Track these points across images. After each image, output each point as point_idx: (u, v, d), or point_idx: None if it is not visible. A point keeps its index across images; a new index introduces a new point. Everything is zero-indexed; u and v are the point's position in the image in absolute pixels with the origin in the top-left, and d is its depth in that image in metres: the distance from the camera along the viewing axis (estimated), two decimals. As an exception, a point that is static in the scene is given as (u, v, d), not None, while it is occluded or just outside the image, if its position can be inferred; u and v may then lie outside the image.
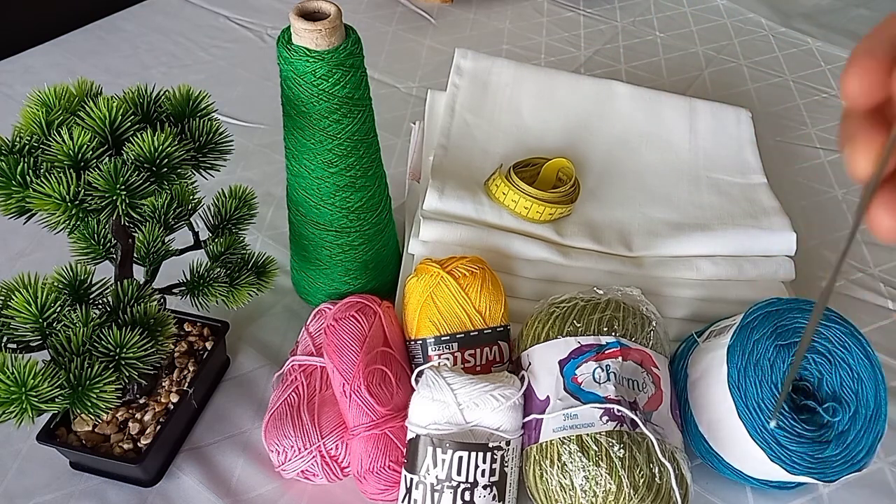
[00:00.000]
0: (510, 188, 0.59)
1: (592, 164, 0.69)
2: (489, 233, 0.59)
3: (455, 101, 0.71)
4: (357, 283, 0.61)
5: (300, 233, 0.58)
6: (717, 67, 0.99)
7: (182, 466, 0.52)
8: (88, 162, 0.40)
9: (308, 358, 0.53)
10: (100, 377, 0.40)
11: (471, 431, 0.45)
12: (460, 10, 1.10)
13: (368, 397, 0.49)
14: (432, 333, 0.52)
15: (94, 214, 0.40)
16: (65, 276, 0.45)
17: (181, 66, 0.96)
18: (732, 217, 0.65)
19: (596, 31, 1.06)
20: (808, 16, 1.11)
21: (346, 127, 0.51)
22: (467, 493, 0.45)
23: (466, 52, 0.74)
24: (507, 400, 0.46)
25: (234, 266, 0.54)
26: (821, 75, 0.98)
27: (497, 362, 0.53)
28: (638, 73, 0.97)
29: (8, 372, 0.38)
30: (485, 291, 0.52)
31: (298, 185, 0.55)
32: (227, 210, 0.54)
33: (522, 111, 0.72)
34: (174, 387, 0.53)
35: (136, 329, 0.43)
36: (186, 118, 0.45)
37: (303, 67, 0.48)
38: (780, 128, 0.88)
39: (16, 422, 0.38)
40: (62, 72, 0.94)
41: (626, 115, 0.73)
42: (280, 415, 0.50)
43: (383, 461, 0.48)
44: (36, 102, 0.43)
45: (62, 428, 0.50)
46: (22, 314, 0.41)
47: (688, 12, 1.12)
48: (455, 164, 0.65)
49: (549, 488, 0.46)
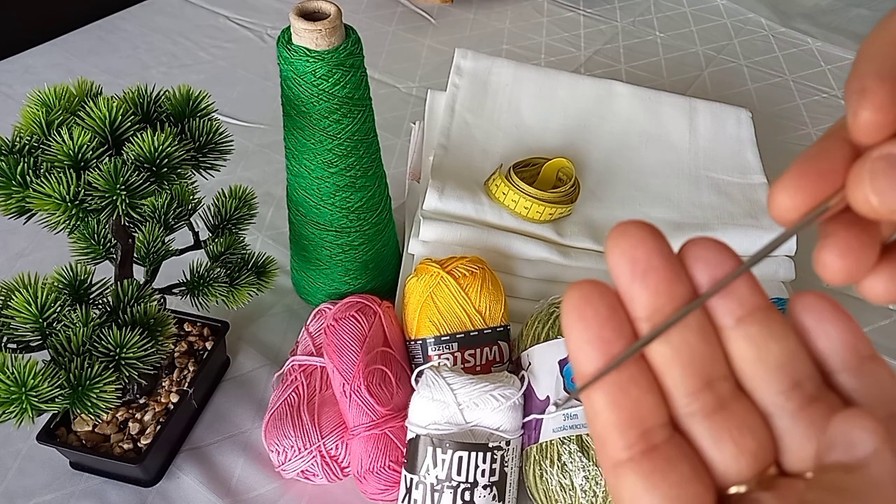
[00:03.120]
0: (510, 188, 0.59)
1: (592, 164, 0.69)
2: (489, 233, 0.59)
3: (455, 101, 0.71)
4: (357, 283, 0.61)
5: (300, 233, 0.58)
6: (717, 67, 0.99)
7: (182, 466, 0.52)
8: (88, 162, 0.40)
9: (308, 358, 0.53)
10: (100, 377, 0.40)
11: (471, 431, 0.45)
12: (460, 10, 1.10)
13: (368, 397, 0.49)
14: (432, 333, 0.52)
15: (94, 214, 0.40)
16: (65, 276, 0.45)
17: (181, 66, 0.96)
18: (732, 217, 0.65)
19: (596, 31, 1.06)
20: (808, 16, 1.11)
21: (346, 127, 0.51)
22: (467, 493, 0.45)
23: (466, 52, 0.74)
24: (507, 400, 0.46)
25: (234, 266, 0.54)
26: (821, 75, 0.98)
27: (497, 362, 0.53)
28: (638, 73, 0.97)
29: (8, 372, 0.38)
30: (485, 291, 0.52)
31: (298, 185, 0.55)
32: (227, 210, 0.54)
33: (522, 111, 0.72)
34: (174, 387, 0.53)
35: (136, 329, 0.43)
36: (186, 118, 0.45)
37: (303, 67, 0.48)
38: (780, 128, 0.88)
39: (16, 422, 0.38)
40: (62, 72, 0.94)
41: (626, 114, 0.73)
42: (280, 415, 0.50)
43: (383, 461, 0.48)
44: (36, 102, 0.43)
45: (62, 428, 0.50)
46: (22, 314, 0.41)
47: (688, 12, 1.12)
48: (455, 164, 0.65)
49: (549, 488, 0.46)
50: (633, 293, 0.18)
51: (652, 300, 0.18)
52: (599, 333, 0.18)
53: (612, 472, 0.18)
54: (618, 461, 0.18)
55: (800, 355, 0.19)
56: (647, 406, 0.18)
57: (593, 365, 0.18)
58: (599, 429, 0.18)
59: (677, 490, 0.17)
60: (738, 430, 0.18)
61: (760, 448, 0.18)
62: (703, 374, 0.18)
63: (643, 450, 0.18)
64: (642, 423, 0.18)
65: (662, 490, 0.17)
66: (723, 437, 0.18)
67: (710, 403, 0.18)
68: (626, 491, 0.18)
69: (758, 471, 0.18)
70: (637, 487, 0.18)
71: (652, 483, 0.18)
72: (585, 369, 0.18)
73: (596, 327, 0.18)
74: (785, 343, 0.19)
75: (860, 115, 0.16)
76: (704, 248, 0.19)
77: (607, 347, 0.18)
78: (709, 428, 0.18)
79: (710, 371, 0.18)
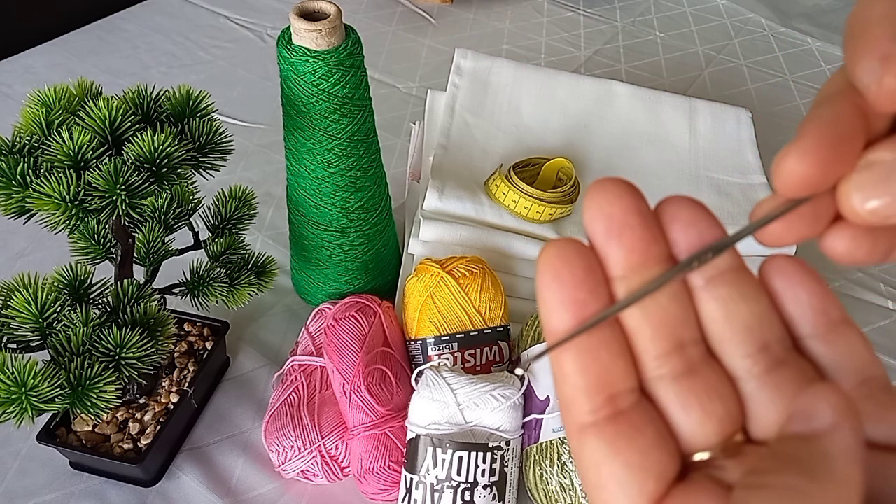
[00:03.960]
0: (510, 188, 0.59)
1: (592, 164, 0.69)
2: (489, 233, 0.59)
3: (455, 101, 0.71)
4: (357, 283, 0.61)
5: (300, 233, 0.58)
6: (717, 67, 0.99)
7: (182, 466, 0.52)
8: (88, 162, 0.40)
9: (308, 358, 0.53)
10: (100, 377, 0.40)
11: (471, 431, 0.45)
12: (460, 10, 1.10)
13: (368, 397, 0.49)
14: (432, 333, 0.52)
15: (94, 214, 0.40)
16: (65, 276, 0.45)
17: (181, 66, 0.96)
18: (732, 217, 0.65)
19: (596, 31, 1.06)
20: (808, 16, 1.11)
21: (346, 127, 0.51)
22: (467, 493, 0.45)
23: (466, 52, 0.74)
24: (507, 400, 0.46)
25: (234, 266, 0.54)
26: (821, 75, 0.98)
27: (497, 362, 0.53)
28: (638, 73, 0.97)
29: (8, 372, 0.38)
30: (485, 291, 0.52)
31: (298, 185, 0.55)
32: (227, 210, 0.54)
33: (522, 111, 0.72)
34: (174, 387, 0.53)
35: (136, 329, 0.43)
36: (186, 118, 0.45)
37: (303, 67, 0.48)
38: (780, 128, 0.88)
39: (16, 422, 0.38)
40: (62, 72, 0.94)
41: (625, 114, 0.73)
42: (280, 415, 0.50)
43: (383, 461, 0.48)
44: (36, 102, 0.43)
45: (62, 428, 0.50)
46: (22, 314, 0.41)
47: (688, 12, 1.12)
48: (455, 164, 0.65)
49: (549, 488, 0.46)
50: (608, 251, 0.18)
51: (627, 259, 0.18)
52: (574, 295, 0.18)
53: (577, 437, 0.18)
54: (582, 425, 0.18)
55: (769, 318, 0.18)
56: (616, 371, 0.18)
57: (565, 326, 0.18)
58: (567, 392, 0.18)
59: (640, 457, 0.17)
60: (706, 394, 0.18)
61: (728, 414, 0.18)
62: (674, 337, 0.18)
63: (609, 415, 0.18)
64: (610, 388, 0.18)
65: (626, 456, 0.17)
66: (690, 401, 0.18)
67: (680, 367, 0.18)
68: (588, 456, 0.18)
69: (724, 437, 0.18)
70: (600, 452, 0.17)
71: (615, 449, 0.17)
72: (557, 330, 0.18)
73: (571, 288, 0.18)
74: (754, 305, 0.18)
75: (886, 83, 0.16)
76: (681, 207, 0.18)
77: (580, 309, 0.18)
78: (676, 392, 0.18)
79: (680, 334, 0.18)
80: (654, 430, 0.18)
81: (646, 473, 0.17)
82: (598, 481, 0.18)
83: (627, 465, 0.17)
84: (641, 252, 0.18)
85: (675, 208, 0.18)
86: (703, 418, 0.18)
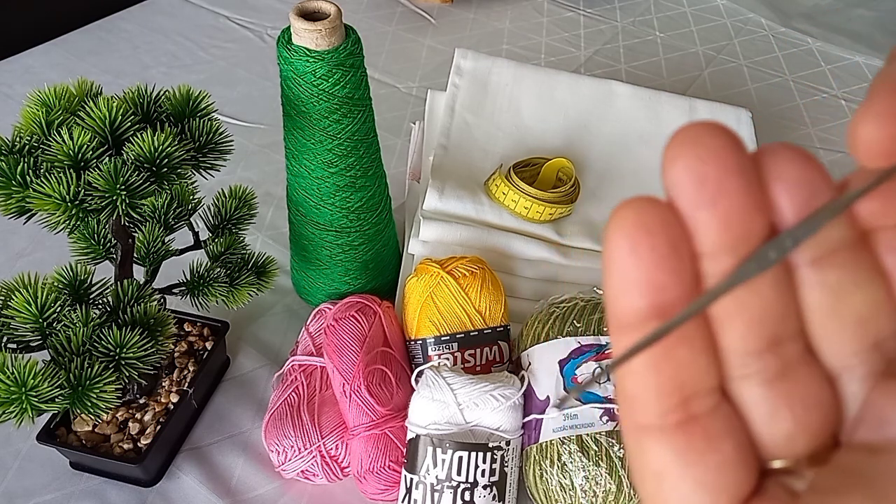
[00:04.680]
0: (510, 188, 0.59)
1: (592, 164, 0.69)
2: (489, 233, 0.59)
3: (455, 101, 0.71)
4: (357, 283, 0.61)
5: (300, 233, 0.58)
6: (717, 67, 0.99)
7: (182, 466, 0.52)
8: (88, 162, 0.40)
9: (308, 358, 0.53)
10: (100, 377, 0.40)
11: (471, 431, 0.46)
12: (460, 10, 1.10)
13: (368, 397, 0.49)
14: (432, 333, 0.52)
15: (94, 214, 0.40)
16: (65, 276, 0.45)
17: (181, 66, 0.96)
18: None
19: (596, 31, 1.06)
20: (808, 16, 1.11)
21: (346, 127, 0.51)
22: (467, 493, 0.45)
23: (466, 52, 0.74)
24: (507, 400, 0.46)
25: (234, 266, 0.54)
26: (821, 75, 0.98)
27: (497, 362, 0.53)
28: (638, 73, 0.97)
29: (8, 372, 0.38)
30: (485, 291, 0.52)
31: (298, 185, 0.55)
32: (227, 210, 0.54)
33: (522, 111, 0.72)
34: (174, 387, 0.53)
35: (136, 329, 0.43)
36: (186, 118, 0.45)
37: (303, 67, 0.48)
38: (780, 128, 0.88)
39: (16, 422, 0.38)
40: (62, 72, 0.94)
41: (625, 114, 0.73)
42: (280, 415, 0.50)
43: (383, 461, 0.48)
44: (36, 102, 0.43)
45: (62, 428, 0.50)
46: (22, 314, 0.41)
47: (688, 12, 1.12)
48: (455, 164, 0.65)
49: (549, 488, 0.46)
50: (698, 222, 0.14)
51: (723, 234, 0.14)
52: (654, 276, 0.14)
53: (634, 436, 0.15)
54: (645, 426, 0.15)
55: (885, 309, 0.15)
56: (695, 369, 0.14)
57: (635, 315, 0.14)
58: (631, 388, 0.15)
59: (714, 475, 0.14)
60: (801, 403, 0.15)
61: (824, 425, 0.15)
62: (770, 332, 0.15)
63: (680, 419, 0.14)
64: (685, 389, 0.14)
65: (696, 472, 0.14)
66: (781, 411, 0.15)
67: (773, 367, 0.15)
68: (649, 463, 0.15)
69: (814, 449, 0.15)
70: (664, 462, 0.14)
71: (685, 462, 0.14)
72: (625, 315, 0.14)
73: (651, 267, 0.14)
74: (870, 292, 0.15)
75: None
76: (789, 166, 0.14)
77: (659, 294, 0.14)
78: (766, 398, 0.15)
79: (778, 328, 0.15)
80: (733, 444, 0.15)
81: (718, 495, 0.14)
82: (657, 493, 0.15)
83: (697, 483, 0.14)
84: (741, 225, 0.14)
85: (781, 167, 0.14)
86: (793, 431, 0.15)
